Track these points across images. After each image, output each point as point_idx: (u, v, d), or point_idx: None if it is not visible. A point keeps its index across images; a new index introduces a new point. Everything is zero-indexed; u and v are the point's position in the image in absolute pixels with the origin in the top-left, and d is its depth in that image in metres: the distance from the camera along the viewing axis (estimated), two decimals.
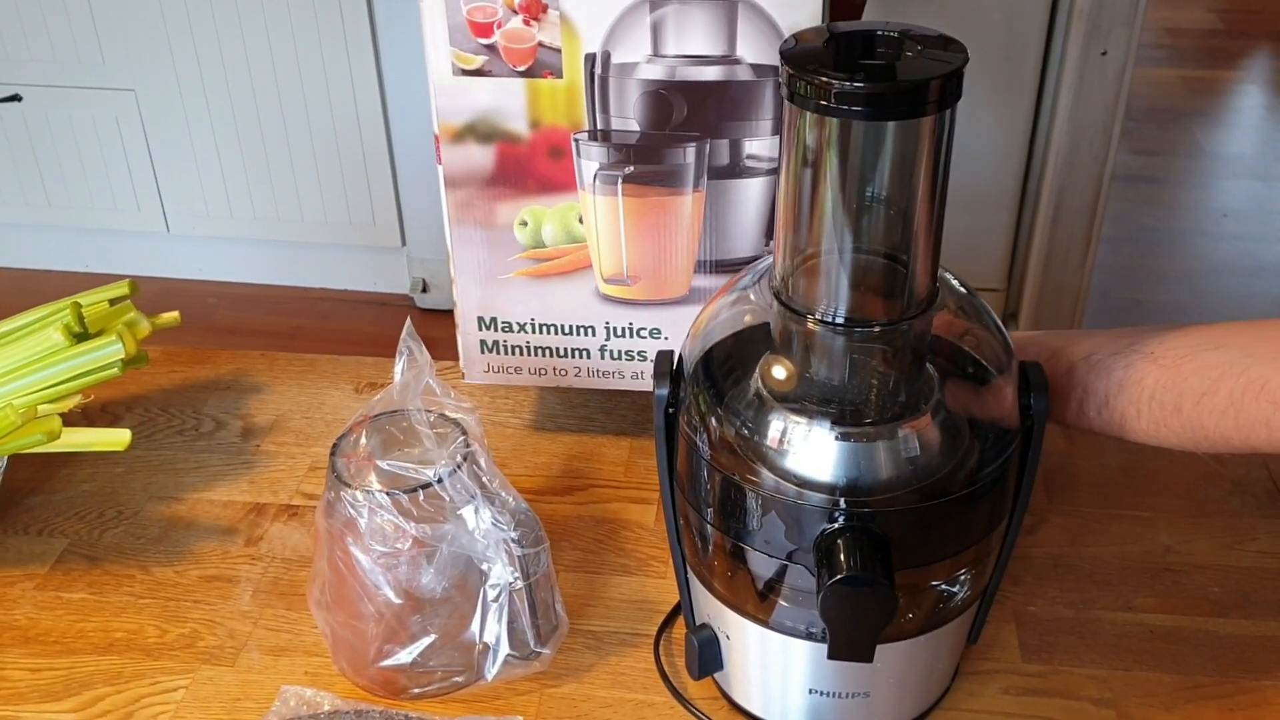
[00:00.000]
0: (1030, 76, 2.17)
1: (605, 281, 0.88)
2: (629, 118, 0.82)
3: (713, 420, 0.67)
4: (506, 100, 0.82)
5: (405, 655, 0.75)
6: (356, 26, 2.32)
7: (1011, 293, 2.41)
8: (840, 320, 0.65)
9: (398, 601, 0.74)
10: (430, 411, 0.77)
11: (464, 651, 0.76)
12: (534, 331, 0.90)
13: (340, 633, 0.77)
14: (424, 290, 2.62)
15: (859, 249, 0.64)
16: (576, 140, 0.83)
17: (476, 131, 0.83)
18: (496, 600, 0.75)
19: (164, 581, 0.87)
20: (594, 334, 0.90)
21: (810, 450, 0.64)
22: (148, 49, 2.39)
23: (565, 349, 0.91)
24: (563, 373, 0.93)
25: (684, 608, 0.76)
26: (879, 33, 0.62)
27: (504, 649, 0.76)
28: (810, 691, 0.71)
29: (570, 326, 0.90)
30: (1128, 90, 2.10)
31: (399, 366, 0.78)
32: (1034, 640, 0.82)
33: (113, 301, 0.89)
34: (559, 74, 0.80)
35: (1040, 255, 2.26)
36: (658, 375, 0.69)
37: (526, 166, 0.84)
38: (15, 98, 2.47)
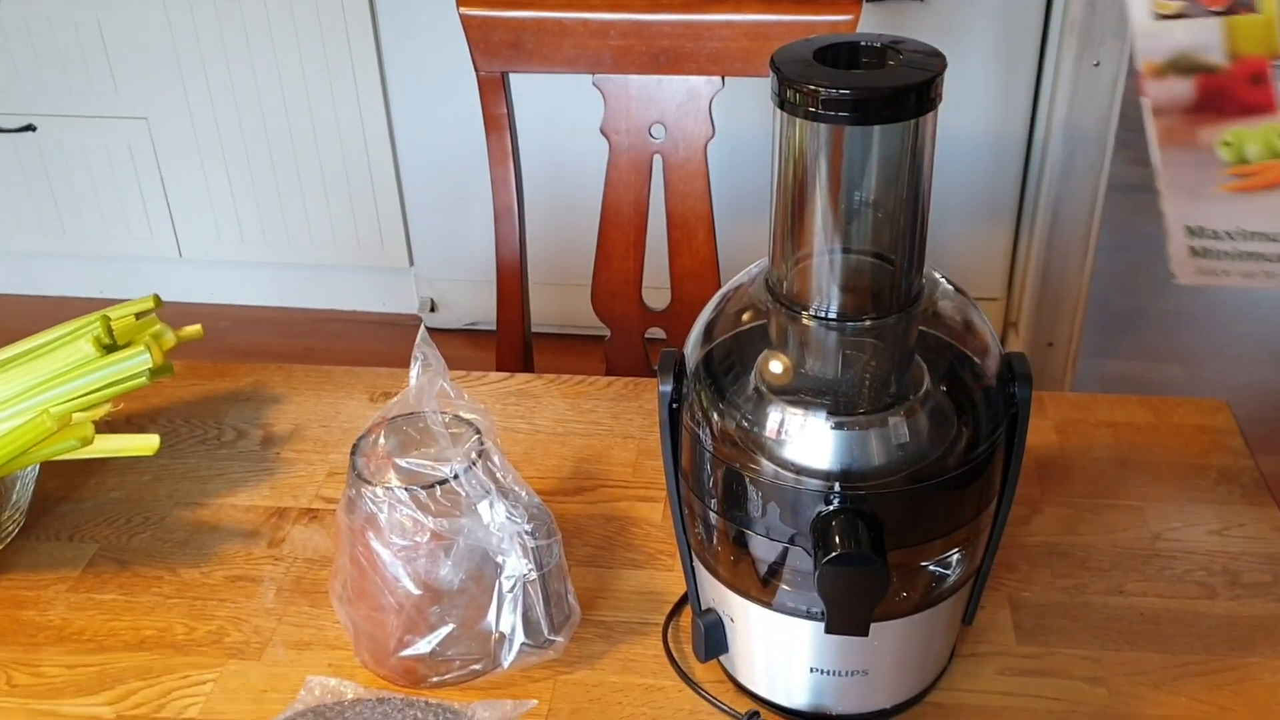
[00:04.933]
0: (1025, 89, 2.21)
1: None
2: None
3: (714, 414, 0.71)
4: (1204, 37, 0.86)
5: (425, 645, 0.79)
6: (363, 52, 2.36)
7: (1012, 302, 2.44)
8: (833, 315, 0.68)
9: (417, 593, 0.77)
10: (445, 413, 0.81)
11: (481, 641, 0.80)
12: (1240, 239, 0.93)
13: (362, 625, 0.81)
14: (432, 309, 2.66)
15: (849, 248, 0.68)
16: (1276, 67, 0.87)
17: (1176, 66, 0.88)
18: (512, 591, 0.79)
19: (191, 582, 0.90)
20: None
21: (807, 439, 0.68)
22: (159, 78, 2.44)
23: (1273, 254, 0.94)
24: (1270, 275, 0.95)
25: (690, 594, 0.79)
26: (863, 44, 0.66)
27: (519, 638, 0.80)
28: (811, 670, 0.74)
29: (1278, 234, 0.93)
30: (1121, 100, 2.14)
31: (414, 370, 0.81)
32: (1028, 624, 0.85)
33: (139, 315, 0.93)
34: (1254, 9, 0.85)
35: (1039, 264, 2.29)
36: (662, 372, 0.73)
37: (1226, 94, 0.88)
38: (30, 128, 2.52)
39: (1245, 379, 2.48)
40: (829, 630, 0.67)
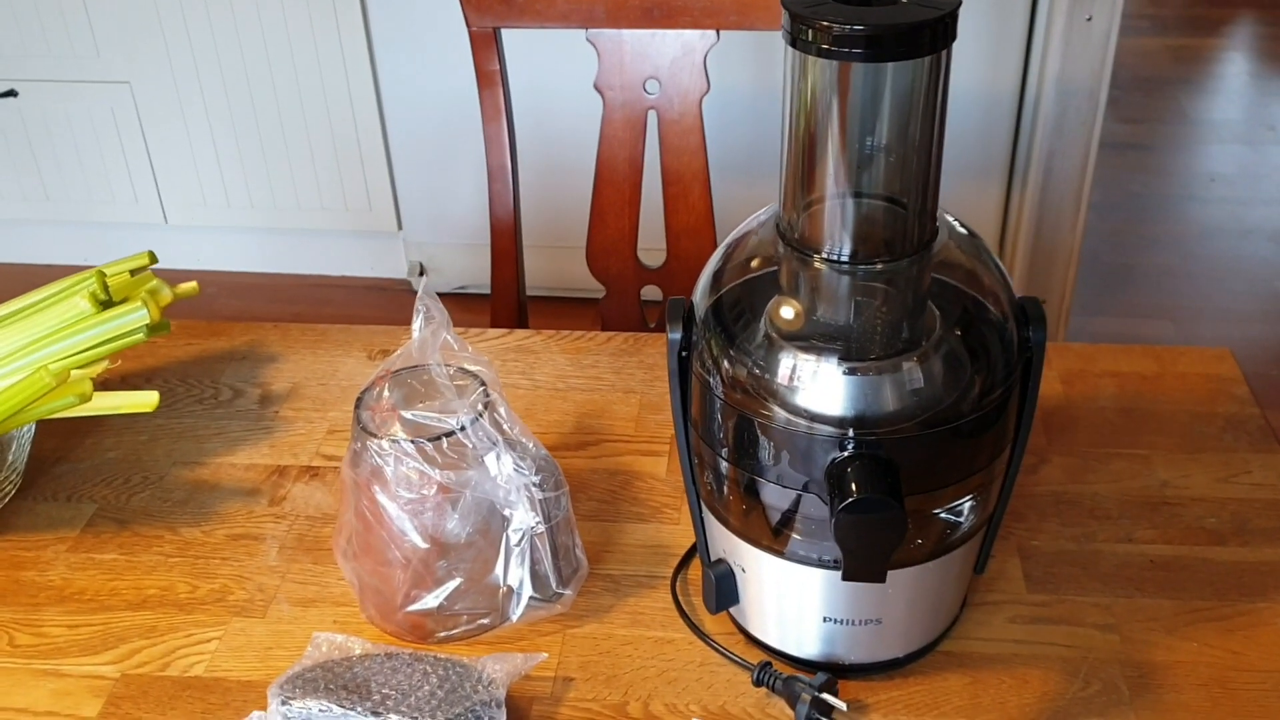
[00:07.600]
0: (1017, 44, 2.19)
1: None
2: None
3: (725, 362, 0.70)
4: None
5: (432, 600, 0.78)
6: (349, 12, 2.33)
7: (1004, 259, 2.44)
8: (845, 259, 0.67)
9: (424, 547, 0.76)
10: (449, 365, 0.80)
11: (489, 595, 0.79)
12: None
13: (368, 580, 0.80)
14: (421, 274, 2.64)
15: (861, 191, 0.67)
16: None
17: None
18: (519, 544, 0.78)
19: (192, 541, 0.89)
20: None
21: (819, 385, 0.67)
22: (142, 41, 2.41)
23: None
24: None
25: (699, 545, 0.79)
26: None
27: (527, 591, 0.79)
28: (824, 619, 0.74)
29: None
30: (1113, 56, 2.12)
31: (417, 323, 0.80)
32: (1038, 573, 0.85)
33: (134, 272, 0.91)
34: None
35: (1031, 222, 2.28)
36: (671, 320, 0.71)
37: None
38: (11, 93, 2.49)
39: (1236, 335, 2.48)
40: (846, 578, 0.66)
